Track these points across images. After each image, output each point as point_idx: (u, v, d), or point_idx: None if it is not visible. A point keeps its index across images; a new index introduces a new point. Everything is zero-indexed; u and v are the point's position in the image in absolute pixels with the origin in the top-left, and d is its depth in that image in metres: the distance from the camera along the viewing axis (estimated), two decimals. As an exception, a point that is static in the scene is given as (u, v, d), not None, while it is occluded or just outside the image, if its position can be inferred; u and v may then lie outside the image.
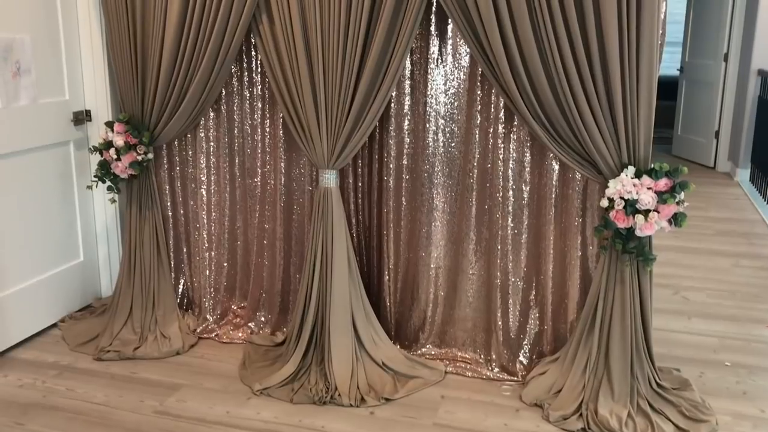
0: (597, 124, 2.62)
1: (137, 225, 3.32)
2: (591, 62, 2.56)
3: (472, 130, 2.95)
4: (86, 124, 3.49)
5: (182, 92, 3.09)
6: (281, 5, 2.87)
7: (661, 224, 2.62)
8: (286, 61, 2.91)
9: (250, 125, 3.25)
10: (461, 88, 2.94)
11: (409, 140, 3.05)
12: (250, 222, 3.35)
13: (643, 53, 2.52)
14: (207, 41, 2.96)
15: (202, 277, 3.45)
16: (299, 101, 2.94)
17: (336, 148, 2.92)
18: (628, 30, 2.51)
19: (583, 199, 2.87)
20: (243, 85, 3.22)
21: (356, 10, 2.75)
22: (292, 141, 3.19)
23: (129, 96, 3.21)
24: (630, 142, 2.64)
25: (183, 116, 3.14)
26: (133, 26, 3.10)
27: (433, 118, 2.99)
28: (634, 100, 2.58)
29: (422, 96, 2.99)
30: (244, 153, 3.29)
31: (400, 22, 2.75)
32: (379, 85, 2.83)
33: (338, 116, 2.88)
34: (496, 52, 2.61)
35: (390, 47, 2.78)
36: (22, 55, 3.05)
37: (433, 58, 2.95)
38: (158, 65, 3.08)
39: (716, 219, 5.62)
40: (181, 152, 3.38)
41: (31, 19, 3.09)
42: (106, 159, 3.25)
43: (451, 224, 3.07)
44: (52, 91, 3.25)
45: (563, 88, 2.60)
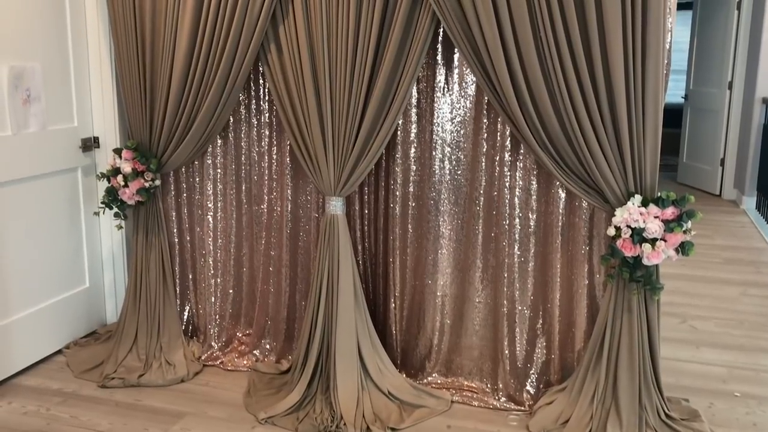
0: (603, 152, 2.63)
1: (143, 251, 3.33)
2: (597, 91, 2.58)
3: (478, 157, 2.96)
4: (94, 150, 3.51)
5: (190, 120, 3.12)
6: (289, 35, 2.90)
7: (668, 253, 2.61)
8: (293, 89, 2.94)
9: (257, 152, 3.27)
10: (467, 116, 2.96)
11: (416, 168, 3.06)
12: (256, 249, 3.35)
13: (648, 83, 2.53)
14: (216, 69, 2.99)
15: (208, 304, 3.44)
16: (306, 129, 2.95)
17: (343, 176, 2.93)
18: (633, 59, 2.53)
19: (590, 228, 2.86)
20: (251, 113, 3.25)
21: (363, 40, 2.78)
22: (299, 168, 3.20)
23: (137, 123, 3.24)
24: (636, 171, 2.64)
25: (191, 144, 3.16)
26: (142, 54, 3.13)
27: (439, 145, 3.00)
28: (640, 129, 2.59)
29: (429, 124, 3.01)
30: (251, 180, 3.31)
31: (407, 52, 2.77)
32: (385, 113, 2.85)
33: (345, 144, 2.90)
34: (502, 81, 2.63)
35: (397, 76, 2.80)
36: (32, 83, 3.09)
37: (439, 87, 2.97)
38: (167, 93, 3.11)
39: (723, 247, 5.60)
40: (188, 179, 3.39)
41: (42, 47, 3.13)
42: (114, 185, 3.27)
43: (457, 252, 3.06)
44: (61, 118, 3.28)
45: (569, 117, 2.61)
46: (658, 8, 2.46)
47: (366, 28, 2.77)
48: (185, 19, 2.94)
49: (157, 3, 3.03)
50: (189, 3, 2.92)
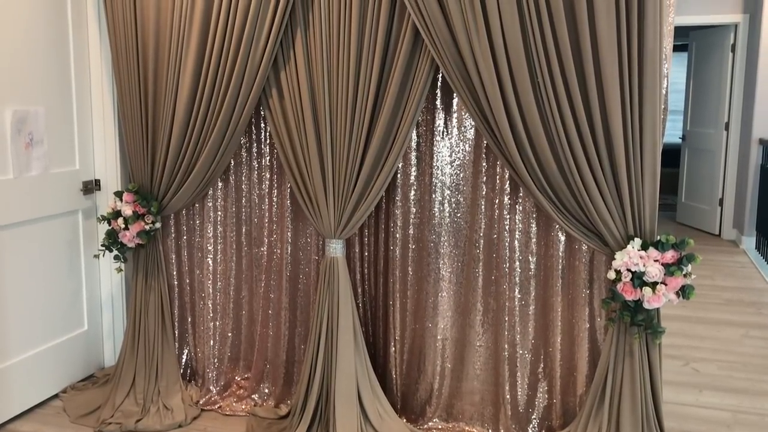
0: (602, 196, 2.64)
1: (142, 294, 3.32)
2: (595, 136, 2.60)
3: (477, 200, 2.97)
4: (95, 193, 3.53)
5: (191, 163, 3.14)
6: (290, 79, 2.94)
7: (668, 297, 2.60)
8: (294, 133, 2.96)
9: (257, 195, 3.28)
10: (466, 160, 2.98)
11: (416, 210, 3.07)
12: (255, 291, 3.34)
13: (646, 127, 2.56)
14: (217, 114, 3.02)
15: (206, 348, 3.42)
16: (307, 172, 2.97)
17: (343, 218, 2.94)
18: (630, 105, 2.56)
19: (590, 271, 2.86)
20: (252, 156, 3.27)
21: (364, 84, 2.81)
22: (299, 211, 3.21)
23: (138, 166, 3.26)
24: (636, 215, 2.65)
25: (192, 187, 3.18)
26: (144, 98, 3.17)
27: (438, 188, 3.02)
28: (638, 173, 2.61)
29: (428, 167, 3.03)
30: (251, 222, 3.31)
31: (407, 96, 2.81)
32: (385, 156, 2.87)
33: (345, 187, 2.91)
34: (500, 125, 2.65)
35: (397, 120, 2.83)
36: (35, 127, 3.11)
37: (438, 131, 3.00)
38: (168, 136, 3.13)
39: (724, 288, 5.58)
40: (188, 221, 3.40)
41: (45, 91, 3.16)
42: (114, 228, 3.27)
43: (457, 295, 3.05)
44: (63, 161, 3.30)
45: (567, 161, 2.63)
46: (655, 55, 2.50)
47: (366, 73, 2.81)
48: (188, 64, 2.99)
49: (160, 48, 3.08)
50: (191, 48, 2.96)
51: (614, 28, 2.50)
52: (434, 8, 2.65)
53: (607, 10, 2.50)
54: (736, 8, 7.12)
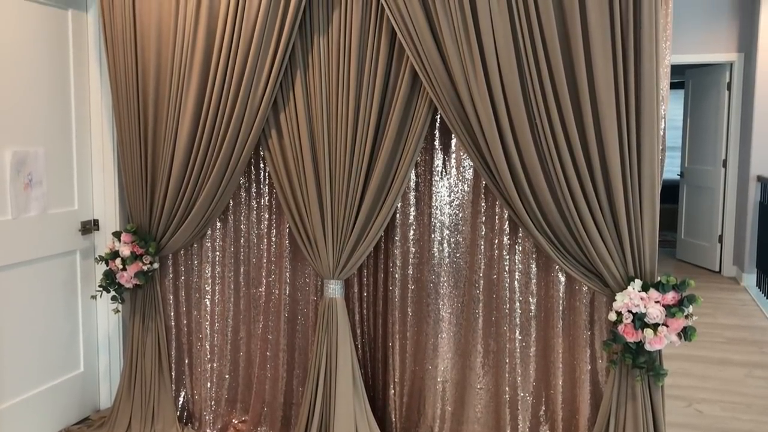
0: (601, 236, 2.64)
1: (139, 335, 3.29)
2: (593, 177, 2.60)
3: (477, 240, 2.96)
4: (94, 233, 3.52)
5: (191, 203, 3.14)
6: (290, 120, 2.95)
7: (670, 338, 2.58)
8: (293, 173, 2.97)
9: (256, 235, 3.28)
10: (465, 200, 2.98)
11: (415, 250, 3.06)
12: (253, 332, 3.31)
13: (644, 169, 2.56)
14: (217, 154, 3.02)
15: (203, 390, 3.37)
16: (306, 212, 2.97)
17: (342, 259, 2.93)
18: (629, 146, 2.57)
19: (591, 312, 2.84)
20: (250, 196, 3.27)
21: (363, 126, 2.83)
22: (298, 251, 3.20)
23: (137, 206, 3.26)
24: (636, 255, 2.64)
25: (190, 227, 3.17)
26: (144, 138, 3.18)
27: (438, 228, 3.01)
28: (637, 214, 2.61)
29: (427, 207, 3.03)
30: (250, 263, 3.30)
31: (406, 137, 2.82)
32: (384, 196, 2.88)
33: (344, 227, 2.91)
34: (498, 166, 2.66)
35: (395, 161, 2.84)
36: (35, 167, 3.12)
37: (437, 171, 3.00)
38: (168, 176, 3.14)
39: (725, 326, 5.54)
40: (186, 262, 3.38)
41: (45, 132, 3.18)
42: (112, 269, 3.26)
43: (457, 336, 3.03)
44: (61, 201, 3.30)
45: (566, 201, 2.62)
46: (652, 96, 2.51)
47: (365, 115, 2.82)
48: (188, 105, 3.00)
49: (160, 89, 3.10)
50: (192, 90, 2.98)
51: (611, 70, 2.52)
52: (432, 52, 2.67)
53: (604, 53, 2.52)
54: (731, 47, 7.20)
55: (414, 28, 2.68)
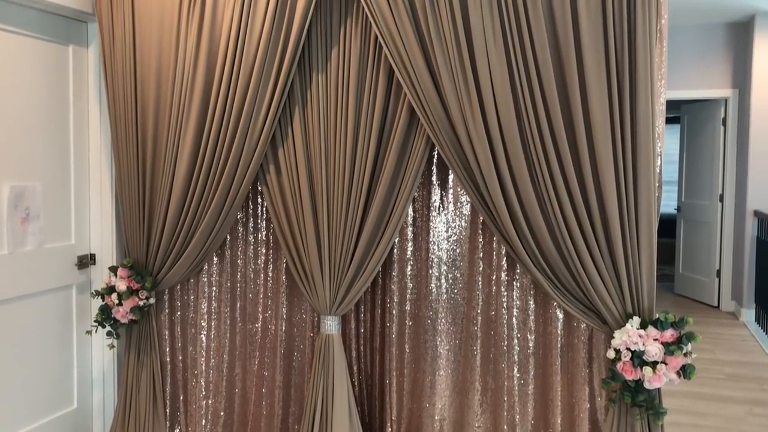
0: (599, 273, 2.63)
1: (134, 371, 3.26)
2: (590, 213, 2.61)
3: (474, 276, 2.95)
4: (90, 267, 3.50)
5: (188, 238, 3.13)
6: (288, 156, 2.96)
7: (669, 376, 2.56)
8: (291, 208, 2.97)
9: (253, 270, 3.26)
10: (463, 235, 2.98)
11: (412, 286, 3.05)
12: (249, 369, 3.28)
13: (641, 206, 2.57)
14: (215, 189, 3.03)
15: (198, 427, 3.33)
16: (303, 247, 2.96)
17: (339, 294, 2.92)
18: (625, 183, 2.58)
19: (590, 349, 2.82)
20: (248, 231, 3.27)
21: (360, 161, 2.84)
22: (295, 286, 3.19)
23: (134, 240, 3.25)
24: (633, 292, 2.63)
25: (187, 261, 3.16)
26: (142, 172, 3.19)
27: (435, 264, 3.01)
28: (635, 251, 2.61)
29: (425, 242, 3.02)
30: (246, 298, 3.28)
31: (403, 173, 2.83)
32: (382, 232, 2.87)
33: (341, 262, 2.90)
34: (496, 202, 2.66)
35: (393, 197, 2.85)
36: (32, 202, 3.12)
37: (434, 206, 3.01)
38: (165, 211, 3.14)
39: (725, 362, 5.50)
40: (182, 297, 3.36)
41: (44, 166, 3.18)
42: (108, 304, 3.24)
43: (455, 373, 3.00)
44: (58, 236, 3.29)
45: (563, 237, 2.62)
46: (648, 135, 2.53)
47: (363, 150, 2.84)
48: (186, 140, 3.02)
49: (159, 124, 3.11)
50: (191, 125, 3.00)
51: (607, 109, 2.54)
52: (430, 91, 2.69)
53: (599, 92, 2.54)
54: (725, 83, 7.28)
55: (412, 66, 2.71)
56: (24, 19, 3.04)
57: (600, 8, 2.54)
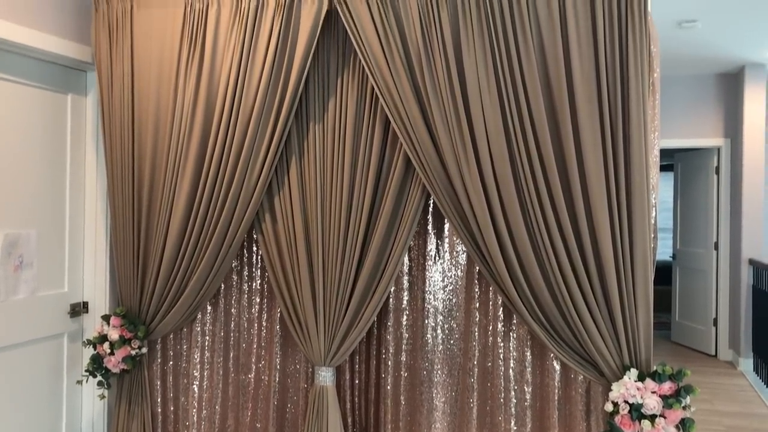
0: (596, 324, 2.61)
1: (125, 422, 3.20)
2: (586, 263, 2.61)
3: (471, 327, 2.93)
4: (82, 315, 3.47)
5: (182, 286, 3.11)
6: (284, 204, 2.97)
7: (668, 430, 2.53)
8: (286, 257, 2.96)
9: (247, 319, 3.23)
10: (459, 285, 2.96)
11: (408, 336, 3.02)
12: (241, 421, 3.22)
13: (636, 258, 2.57)
14: (210, 238, 3.02)
15: (188, 480, 3.26)
16: (298, 297, 2.94)
17: (333, 345, 2.89)
18: (621, 234, 2.58)
19: (587, 401, 2.78)
20: (242, 280, 3.25)
21: (356, 211, 2.84)
22: (289, 336, 3.16)
23: (128, 288, 3.22)
24: (630, 344, 2.61)
25: (180, 310, 3.13)
26: (138, 221, 3.18)
27: (431, 314, 2.98)
28: (631, 303, 2.60)
29: (420, 291, 3.01)
30: (239, 348, 3.24)
31: (399, 222, 2.83)
32: (377, 282, 2.86)
33: (336, 312, 2.88)
34: (491, 251, 2.66)
35: (388, 246, 2.84)
36: (26, 249, 3.10)
37: (430, 255, 3.00)
38: (160, 259, 3.12)
39: (724, 413, 5.43)
40: (175, 346, 3.32)
41: (39, 214, 3.18)
42: (100, 353, 3.20)
43: (452, 426, 2.95)
44: (51, 283, 3.27)
45: (559, 287, 2.62)
46: (642, 187, 2.55)
47: (359, 200, 2.84)
48: (183, 187, 3.02)
49: (156, 171, 3.12)
50: (187, 173, 3.01)
51: (601, 161, 2.56)
52: (425, 138, 2.72)
53: (593, 144, 2.57)
54: (717, 133, 7.36)
55: (408, 117, 2.74)
56: (23, 69, 3.07)
57: (593, 61, 2.58)
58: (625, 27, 2.56)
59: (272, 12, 2.88)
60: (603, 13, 2.57)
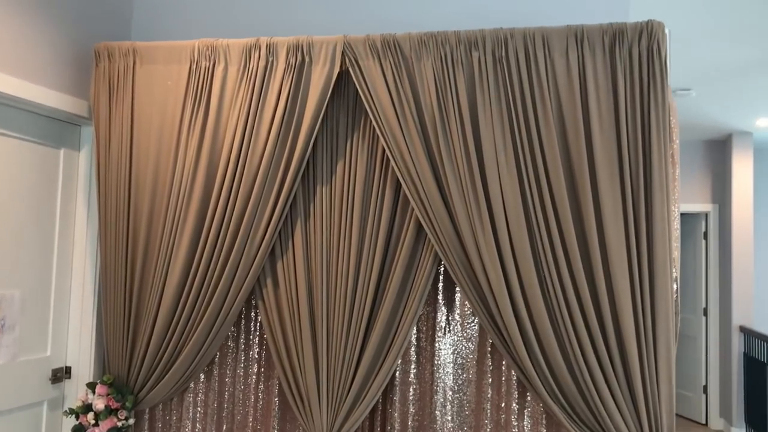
0: (615, 401, 2.50)
1: (106, 501, 2.96)
2: (606, 339, 2.50)
3: (482, 403, 2.79)
4: (64, 381, 3.25)
5: (175, 354, 2.93)
6: (287, 270, 2.83)
7: None
8: (288, 326, 2.81)
9: (242, 390, 3.05)
10: (470, 359, 2.83)
11: (414, 411, 2.86)
12: (234, 500, 3.01)
13: (659, 332, 2.47)
14: (207, 303, 2.86)
15: None
16: (300, 368, 2.78)
17: (337, 421, 2.72)
18: (642, 307, 2.49)
19: (606, 484, 2.63)
20: (239, 347, 3.07)
21: (364, 279, 2.72)
22: (287, 409, 2.97)
23: (116, 354, 3.03)
24: (652, 420, 2.49)
25: (173, 380, 2.94)
26: (130, 282, 3.01)
27: (441, 389, 2.83)
28: (653, 377, 2.49)
29: (429, 364, 2.86)
30: (234, 420, 3.05)
31: (408, 292, 2.71)
32: (385, 354, 2.72)
33: (341, 386, 2.72)
34: (507, 322, 2.54)
35: (397, 317, 2.72)
36: (9, 312, 2.91)
37: (440, 326, 2.87)
38: (152, 324, 2.95)
39: (723, 487, 5.28)
40: (164, 417, 3.12)
41: (24, 273, 3.00)
42: (83, 424, 2.98)
43: None
44: (34, 347, 3.07)
45: (578, 361, 2.51)
46: (664, 259, 2.46)
47: (366, 267, 2.72)
48: (180, 250, 2.87)
49: (152, 233, 2.97)
50: (186, 235, 2.86)
51: (622, 228, 2.50)
52: (438, 204, 2.62)
53: (614, 211, 2.50)
54: (705, 198, 7.40)
55: (420, 182, 2.64)
56: (16, 122, 2.94)
57: (614, 130, 2.53)
58: (647, 97, 2.52)
59: (282, 72, 2.80)
60: (624, 81, 2.53)
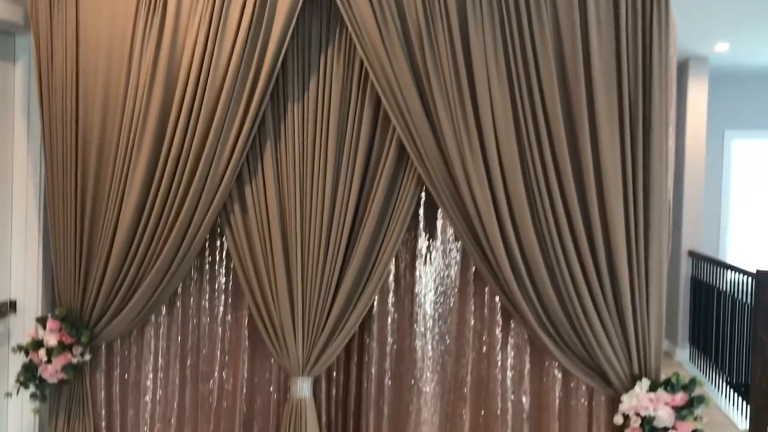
0: (605, 329, 2.43)
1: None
2: (597, 261, 2.42)
3: (464, 332, 2.68)
4: (9, 317, 3.01)
5: (133, 285, 2.71)
6: (257, 195, 2.62)
7: (682, 445, 2.37)
8: (259, 254, 2.61)
9: (207, 322, 2.87)
10: (452, 286, 2.70)
11: (392, 341, 2.74)
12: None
13: (651, 258, 2.40)
14: (169, 231, 2.64)
15: (139, 505, 2.88)
16: (272, 299, 2.61)
17: (313, 353, 2.58)
18: (635, 230, 2.41)
19: (590, 412, 2.59)
20: (203, 276, 2.87)
21: (341, 204, 2.54)
22: (258, 341, 2.81)
23: (68, 287, 2.79)
24: (641, 351, 2.45)
25: (131, 313, 2.73)
26: (81, 208, 2.74)
27: (420, 318, 2.72)
28: (644, 306, 2.43)
29: (408, 293, 2.73)
30: (199, 354, 2.88)
31: (389, 216, 2.55)
32: (364, 284, 2.57)
33: (317, 317, 2.57)
34: (494, 247, 2.42)
35: (376, 247, 2.56)
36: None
37: (420, 254, 2.73)
38: (107, 255, 2.71)
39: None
40: (123, 352, 2.91)
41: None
42: (34, 361, 2.76)
43: (442, 441, 2.70)
44: (-26, 281, 2.80)
45: (567, 288, 2.43)
46: (660, 176, 2.37)
47: (344, 192, 2.54)
48: (137, 174, 2.62)
49: (105, 153, 2.68)
50: (143, 156, 2.60)
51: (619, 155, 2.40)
52: (423, 122, 2.44)
53: (610, 136, 2.39)
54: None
55: (403, 98, 2.44)
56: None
57: (613, 46, 2.38)
58: (650, 17, 2.36)
59: (249, -26, 2.51)
60: (625, 0, 2.37)
